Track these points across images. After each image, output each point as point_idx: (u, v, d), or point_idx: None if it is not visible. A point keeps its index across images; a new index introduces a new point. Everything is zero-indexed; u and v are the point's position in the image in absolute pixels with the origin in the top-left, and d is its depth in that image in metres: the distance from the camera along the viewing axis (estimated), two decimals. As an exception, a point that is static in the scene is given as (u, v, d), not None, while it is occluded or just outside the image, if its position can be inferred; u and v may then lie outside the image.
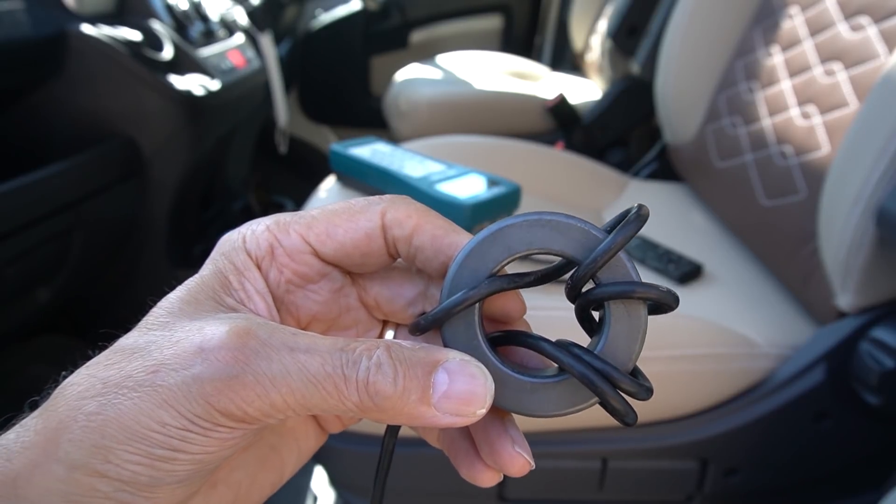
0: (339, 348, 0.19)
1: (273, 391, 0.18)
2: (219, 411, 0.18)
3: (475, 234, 0.22)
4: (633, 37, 1.35)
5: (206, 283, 0.22)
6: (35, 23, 0.94)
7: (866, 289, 0.65)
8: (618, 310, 0.21)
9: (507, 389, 0.22)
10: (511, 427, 0.22)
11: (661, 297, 0.21)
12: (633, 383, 0.20)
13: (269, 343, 0.19)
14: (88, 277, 1.13)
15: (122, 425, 0.18)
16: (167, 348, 0.19)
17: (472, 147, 1.05)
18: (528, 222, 0.21)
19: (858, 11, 0.79)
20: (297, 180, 1.82)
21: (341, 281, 0.24)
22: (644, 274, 0.85)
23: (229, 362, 0.18)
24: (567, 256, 0.22)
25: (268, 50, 1.41)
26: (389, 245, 0.23)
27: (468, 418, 0.20)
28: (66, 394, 0.19)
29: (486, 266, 0.22)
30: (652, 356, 0.67)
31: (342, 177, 0.89)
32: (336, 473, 0.77)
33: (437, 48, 1.77)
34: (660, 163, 1.19)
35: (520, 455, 0.22)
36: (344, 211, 0.23)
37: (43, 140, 1.05)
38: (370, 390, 0.19)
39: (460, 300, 0.21)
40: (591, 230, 0.21)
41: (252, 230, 0.23)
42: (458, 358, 0.20)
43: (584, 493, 0.72)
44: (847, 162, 0.67)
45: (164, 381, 0.18)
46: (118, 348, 0.20)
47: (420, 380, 0.19)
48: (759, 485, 0.73)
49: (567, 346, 0.21)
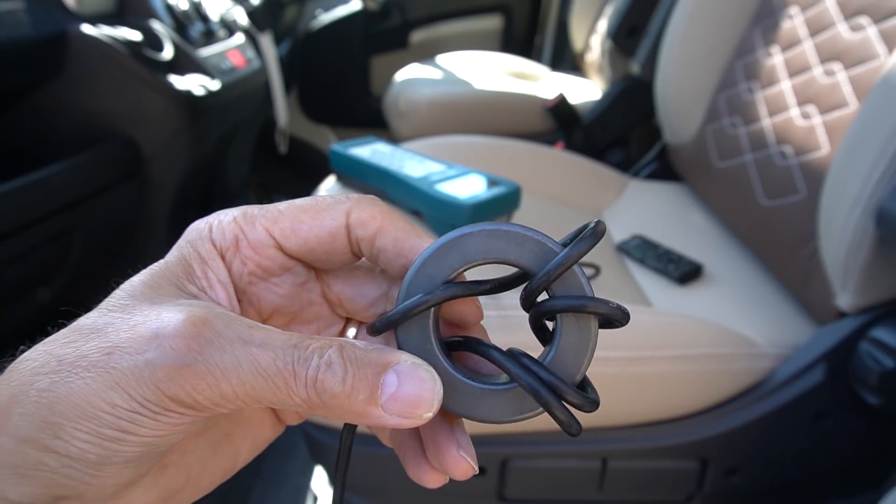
0: (293, 344, 0.19)
1: (223, 381, 0.19)
2: (168, 397, 0.18)
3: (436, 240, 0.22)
4: (633, 37, 1.35)
5: (170, 268, 0.22)
6: (35, 23, 0.94)
7: (866, 289, 0.65)
8: (569, 322, 0.22)
9: (456, 394, 0.22)
10: (458, 431, 0.23)
11: (611, 313, 0.21)
12: (578, 395, 0.21)
13: (224, 334, 0.19)
14: (89, 278, 1.13)
15: (73, 403, 0.18)
16: (124, 331, 0.19)
17: (472, 147, 1.05)
18: (487, 232, 0.22)
19: (858, 12, 0.79)
20: (297, 180, 1.83)
21: (305, 276, 0.25)
22: (644, 274, 0.85)
23: (182, 350, 0.18)
24: (522, 267, 0.22)
25: (268, 50, 1.41)
26: (353, 244, 0.23)
27: (415, 420, 0.20)
28: (20, 368, 0.19)
29: (442, 272, 0.22)
30: (652, 356, 0.67)
31: (342, 177, 0.89)
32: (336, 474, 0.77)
33: (437, 48, 1.77)
34: (660, 163, 1.19)
35: (464, 459, 0.22)
36: (310, 207, 0.23)
37: (43, 140, 1.05)
38: (318, 388, 0.19)
39: (415, 304, 0.22)
40: (548, 243, 0.22)
41: (219, 220, 0.23)
42: (408, 361, 0.20)
43: (584, 493, 0.72)
44: (847, 162, 0.67)
45: (117, 363, 0.18)
46: (76, 327, 0.20)
47: (369, 380, 0.20)
48: (759, 485, 0.73)
49: (517, 355, 0.22)
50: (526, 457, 0.70)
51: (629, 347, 0.66)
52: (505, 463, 0.70)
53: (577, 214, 1.01)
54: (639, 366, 0.66)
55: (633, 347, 0.66)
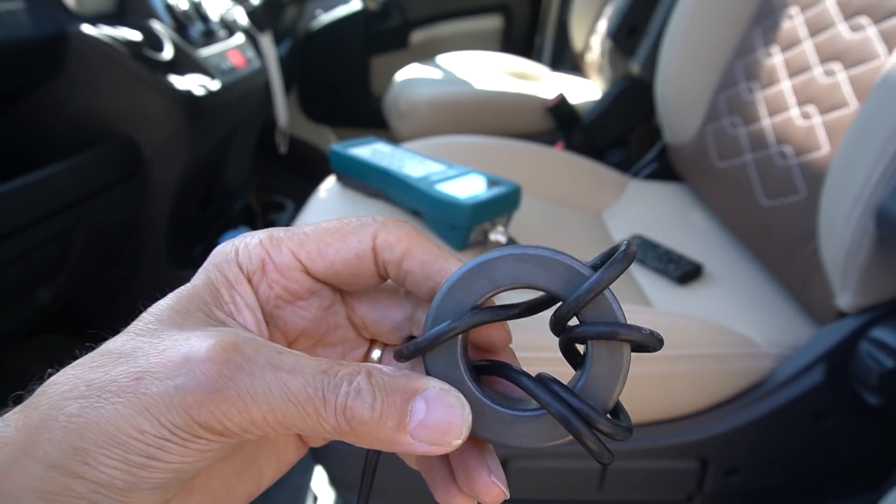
0: (323, 371, 0.19)
1: (254, 408, 0.19)
2: (198, 423, 0.18)
3: (464, 263, 0.22)
4: (633, 37, 1.35)
5: (198, 293, 0.22)
6: (35, 23, 0.94)
7: (866, 289, 0.65)
8: (600, 349, 0.21)
9: (485, 420, 0.22)
10: (489, 456, 0.22)
11: (645, 340, 0.21)
12: (610, 424, 0.20)
13: (254, 360, 0.19)
14: (89, 278, 1.13)
15: (102, 429, 0.18)
16: (153, 356, 0.19)
17: (472, 147, 1.05)
18: (515, 256, 0.21)
19: (858, 12, 0.79)
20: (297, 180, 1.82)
21: (331, 299, 0.24)
22: (644, 274, 0.85)
23: (213, 376, 0.18)
24: (551, 293, 0.22)
25: (268, 50, 1.41)
26: (380, 267, 0.23)
27: (444, 447, 0.20)
28: (49, 392, 0.19)
29: (470, 297, 0.22)
30: (652, 356, 0.67)
31: (342, 177, 0.89)
32: (336, 473, 0.77)
33: (437, 48, 1.77)
34: (660, 163, 1.19)
35: (495, 485, 0.22)
36: (336, 230, 0.23)
37: (43, 140, 1.05)
38: (347, 415, 0.19)
39: (443, 331, 0.21)
40: (577, 267, 0.21)
41: (245, 244, 0.23)
42: (437, 387, 0.20)
43: (584, 493, 0.72)
44: (847, 162, 0.67)
45: (146, 388, 0.18)
46: (105, 351, 0.20)
47: (398, 407, 0.20)
48: (759, 485, 0.73)
49: (547, 381, 0.21)
50: (526, 457, 0.70)
51: (629, 347, 0.66)
52: (505, 463, 0.70)
53: (577, 214, 1.01)
54: (639, 366, 0.66)
55: (633, 347, 0.66)
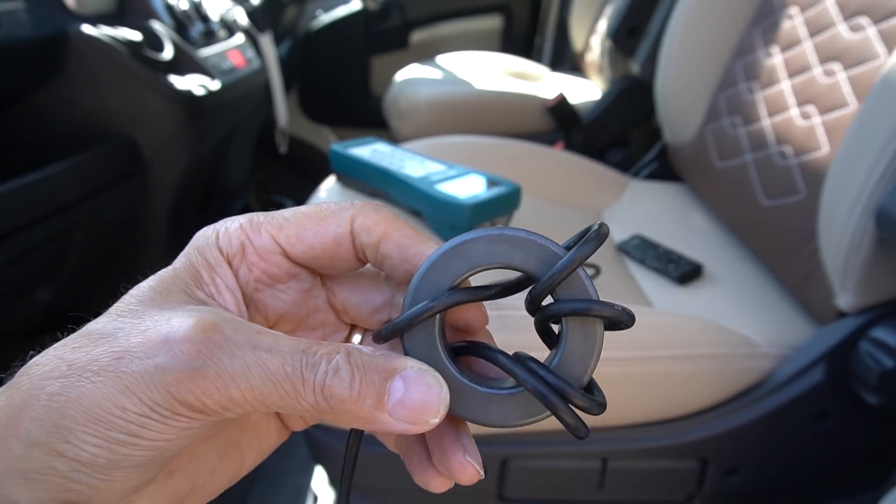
0: (301, 350, 0.20)
1: (233, 386, 0.19)
2: (178, 401, 0.19)
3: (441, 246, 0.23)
4: (633, 37, 1.35)
5: (178, 275, 0.22)
6: (36, 23, 0.94)
7: (866, 289, 0.65)
8: (574, 326, 0.22)
9: (463, 399, 0.22)
10: (464, 436, 0.23)
11: (616, 316, 0.21)
12: (585, 398, 0.21)
13: (234, 339, 0.19)
14: (88, 277, 1.13)
15: (83, 407, 0.18)
16: (134, 336, 0.19)
17: (472, 147, 1.05)
18: (490, 237, 0.22)
19: (858, 12, 0.79)
20: (297, 180, 1.82)
21: (310, 282, 0.25)
22: (644, 274, 0.85)
23: (193, 355, 0.19)
24: (526, 272, 0.22)
25: (268, 50, 1.41)
26: (358, 250, 0.24)
27: (422, 426, 0.20)
28: (30, 373, 0.19)
29: (447, 278, 0.22)
30: (652, 356, 0.67)
31: (342, 177, 0.89)
32: (336, 473, 0.77)
33: (437, 48, 1.77)
34: (660, 163, 1.19)
35: (470, 464, 0.22)
36: (315, 214, 0.23)
37: (43, 140, 1.05)
38: (326, 393, 0.19)
39: (420, 311, 0.22)
40: (551, 247, 0.22)
41: (225, 228, 0.23)
42: (415, 367, 0.21)
43: (584, 493, 0.72)
44: (846, 162, 0.67)
45: (127, 367, 0.19)
46: (86, 332, 0.20)
47: (376, 386, 0.20)
48: (759, 485, 0.73)
49: (523, 359, 0.22)
50: (526, 457, 0.70)
51: (629, 348, 0.66)
52: (505, 463, 0.70)
53: (577, 214, 1.01)
54: (639, 366, 0.66)
55: (633, 348, 0.66)
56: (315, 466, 1.04)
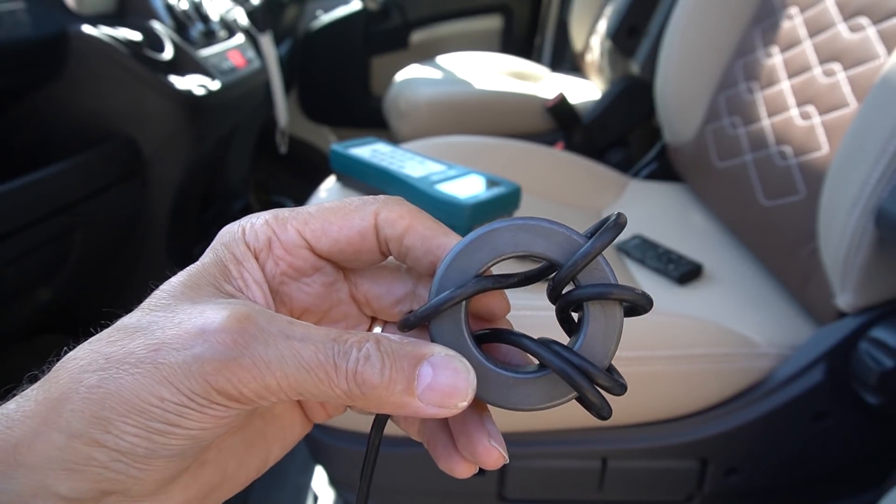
0: (332, 339, 0.20)
1: (268, 374, 0.19)
2: (216, 390, 0.19)
3: (465, 237, 0.23)
4: (632, 37, 1.35)
5: (207, 269, 0.23)
6: (36, 23, 0.94)
7: (865, 289, 0.66)
8: (595, 310, 0.22)
9: (489, 384, 0.23)
10: (488, 422, 0.23)
11: (636, 299, 0.22)
12: (609, 379, 0.22)
13: (267, 329, 0.20)
14: (89, 277, 1.13)
15: (123, 398, 0.19)
16: (169, 329, 0.20)
17: (472, 147, 1.05)
18: (515, 226, 0.23)
19: (857, 12, 0.79)
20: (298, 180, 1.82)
21: (334, 276, 0.25)
22: (644, 274, 0.85)
23: (229, 345, 0.19)
24: (549, 259, 0.23)
25: (268, 50, 1.41)
26: (381, 243, 0.24)
27: (451, 410, 0.21)
28: (68, 367, 0.20)
29: (472, 267, 0.23)
30: (652, 356, 0.67)
31: (342, 177, 0.89)
32: (336, 473, 0.77)
33: (437, 48, 1.77)
34: (660, 163, 1.19)
35: (495, 448, 0.23)
36: (339, 209, 0.24)
37: (43, 140, 1.05)
38: (358, 379, 0.20)
39: (448, 298, 0.22)
40: (573, 235, 0.23)
41: (251, 223, 0.24)
42: (442, 353, 0.21)
43: (584, 493, 0.72)
44: (846, 162, 0.67)
45: (165, 359, 0.19)
46: (120, 326, 0.21)
47: (406, 371, 0.20)
48: (759, 484, 0.73)
49: (548, 343, 0.22)
50: (526, 457, 0.70)
51: (629, 347, 0.66)
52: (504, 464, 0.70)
53: (576, 214, 1.01)
54: (638, 366, 0.66)
55: (633, 347, 0.66)
56: (315, 466, 1.04)
